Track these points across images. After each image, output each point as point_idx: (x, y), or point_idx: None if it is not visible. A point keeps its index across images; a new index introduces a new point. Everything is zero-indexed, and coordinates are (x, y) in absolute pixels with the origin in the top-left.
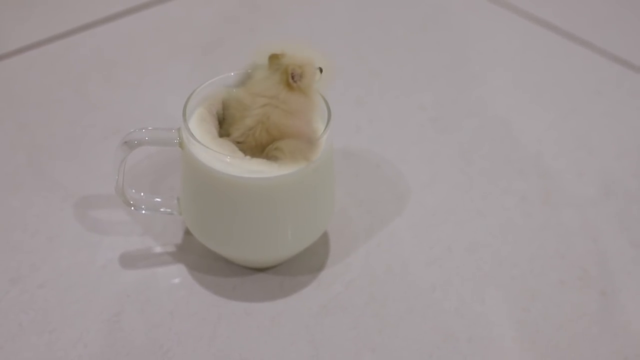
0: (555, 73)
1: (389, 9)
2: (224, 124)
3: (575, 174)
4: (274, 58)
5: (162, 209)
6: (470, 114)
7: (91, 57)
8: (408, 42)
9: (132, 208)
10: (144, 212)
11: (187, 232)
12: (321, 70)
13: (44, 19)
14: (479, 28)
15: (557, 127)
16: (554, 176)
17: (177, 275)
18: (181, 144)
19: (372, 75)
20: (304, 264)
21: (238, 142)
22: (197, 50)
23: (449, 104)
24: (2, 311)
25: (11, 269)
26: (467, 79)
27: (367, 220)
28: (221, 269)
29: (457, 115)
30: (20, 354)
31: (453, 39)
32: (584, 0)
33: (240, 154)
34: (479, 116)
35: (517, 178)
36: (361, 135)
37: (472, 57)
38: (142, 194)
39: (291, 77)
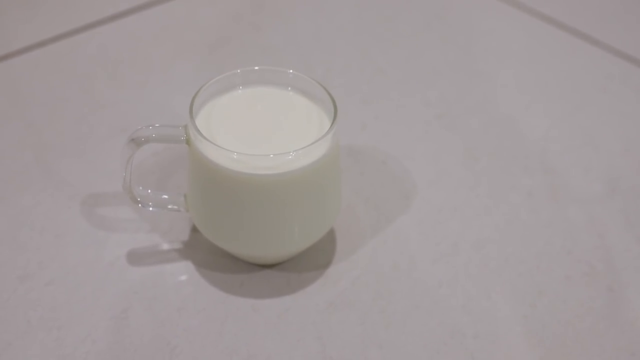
0: (561, 69)
1: (394, 6)
2: None
3: (581, 170)
4: None
5: (169, 206)
6: (476, 111)
7: (97, 55)
8: (413, 39)
9: (139, 205)
10: (151, 209)
11: (194, 229)
12: None
13: (49, 18)
14: (484, 25)
15: (563, 124)
16: (560, 172)
17: (184, 272)
18: (188, 141)
19: (377, 73)
20: (311, 261)
21: None
22: (203, 49)
23: (455, 101)
24: (10, 308)
25: (19, 266)
26: (473, 76)
27: (374, 217)
28: (228, 265)
29: (462, 112)
30: (28, 351)
31: (458, 36)
32: None
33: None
34: (485, 113)
35: (523, 174)
36: (367, 132)
37: (478, 54)
38: (149, 191)
39: None
